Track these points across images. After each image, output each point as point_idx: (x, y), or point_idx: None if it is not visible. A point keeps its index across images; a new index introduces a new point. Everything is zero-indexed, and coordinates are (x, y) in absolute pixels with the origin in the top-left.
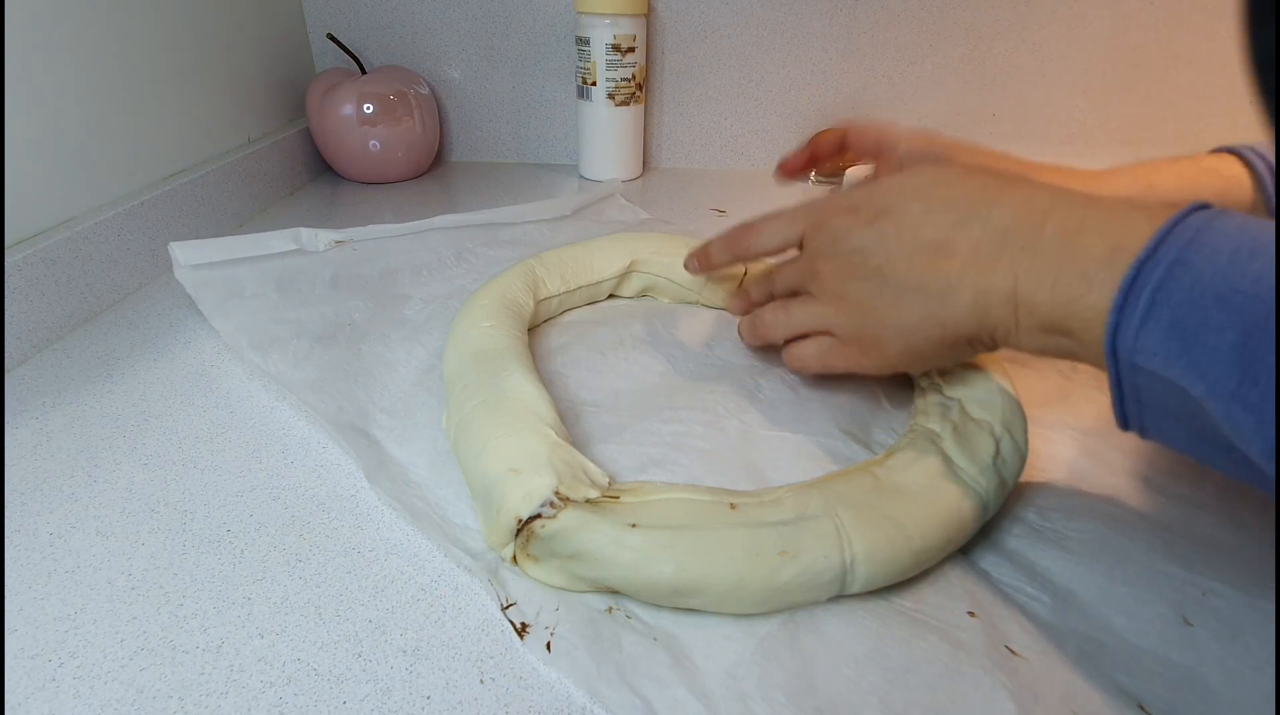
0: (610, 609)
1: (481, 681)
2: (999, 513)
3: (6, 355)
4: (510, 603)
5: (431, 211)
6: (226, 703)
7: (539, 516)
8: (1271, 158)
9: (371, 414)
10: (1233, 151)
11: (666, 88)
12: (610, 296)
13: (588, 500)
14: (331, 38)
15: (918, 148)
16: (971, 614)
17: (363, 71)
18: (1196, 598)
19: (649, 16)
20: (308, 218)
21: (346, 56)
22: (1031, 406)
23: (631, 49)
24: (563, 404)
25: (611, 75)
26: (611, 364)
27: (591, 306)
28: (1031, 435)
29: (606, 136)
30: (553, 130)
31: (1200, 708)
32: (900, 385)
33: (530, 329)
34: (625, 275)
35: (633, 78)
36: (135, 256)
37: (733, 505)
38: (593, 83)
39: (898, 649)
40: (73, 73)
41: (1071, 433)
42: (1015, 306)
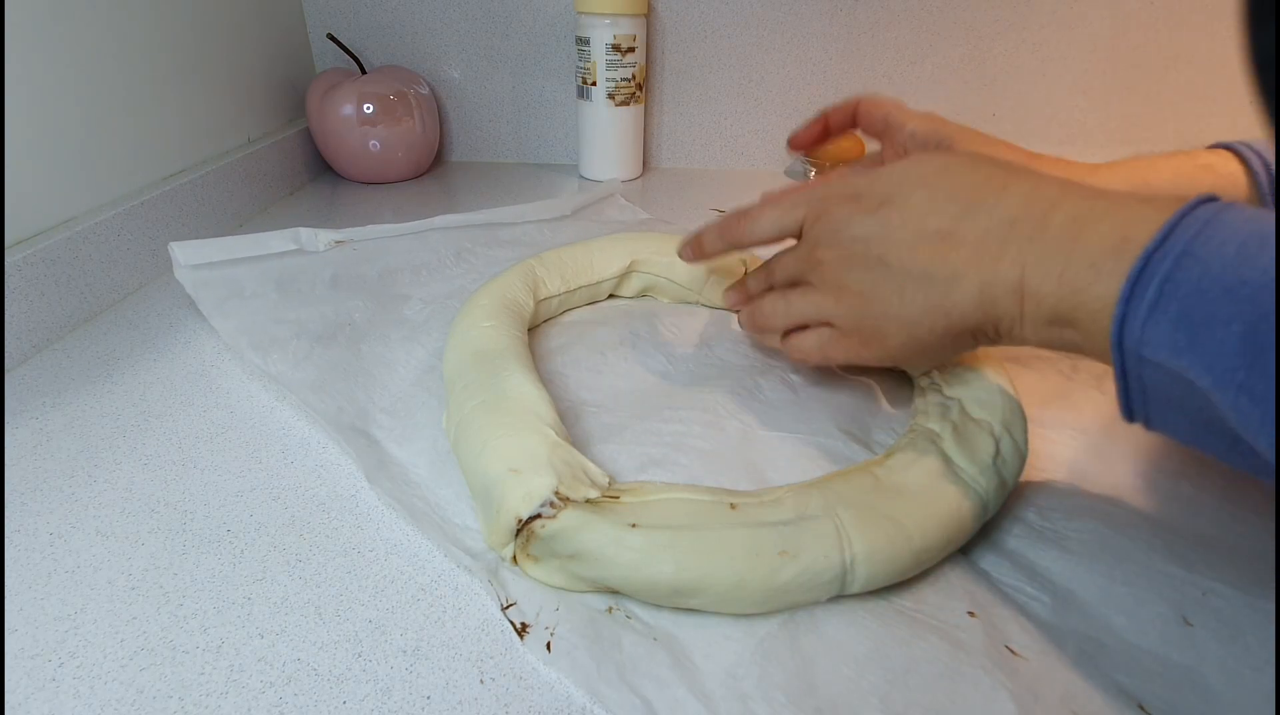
0: (610, 609)
1: (481, 681)
2: (999, 513)
3: (6, 355)
4: (510, 603)
5: (431, 211)
6: (226, 703)
7: (539, 516)
8: (1269, 156)
9: (371, 414)
10: (1229, 148)
11: (666, 88)
12: (610, 296)
13: (588, 500)
14: (331, 38)
15: (925, 130)
16: (971, 614)
17: (363, 71)
18: (1196, 598)
19: (649, 16)
20: (308, 218)
21: (346, 56)
22: (1031, 406)
23: (631, 49)
24: (563, 404)
25: (611, 75)
26: (611, 364)
27: (591, 306)
28: (1031, 435)
29: (606, 136)
30: (553, 130)
31: (1200, 708)
32: (900, 385)
33: (530, 329)
34: (625, 275)
35: (633, 78)
36: (135, 256)
37: (733, 505)
38: (593, 83)
39: (898, 649)
40: (73, 73)
41: (1071, 433)
42: (1021, 297)
